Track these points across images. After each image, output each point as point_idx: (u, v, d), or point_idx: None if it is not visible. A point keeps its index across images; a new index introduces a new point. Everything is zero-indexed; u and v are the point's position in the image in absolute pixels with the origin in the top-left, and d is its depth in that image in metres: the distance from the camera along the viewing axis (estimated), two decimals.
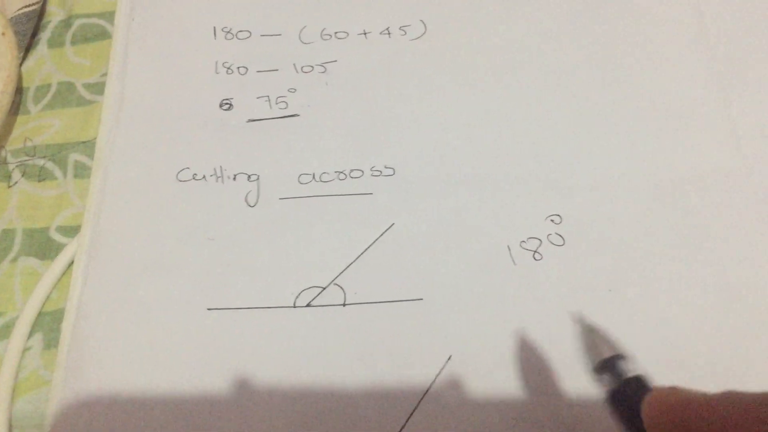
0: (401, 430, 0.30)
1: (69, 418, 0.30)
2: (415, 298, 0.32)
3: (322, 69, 0.38)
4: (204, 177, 0.36)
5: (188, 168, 0.36)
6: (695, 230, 0.34)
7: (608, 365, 0.27)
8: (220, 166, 0.36)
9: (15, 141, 0.38)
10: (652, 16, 0.39)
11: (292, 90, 0.38)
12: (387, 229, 0.34)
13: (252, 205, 0.35)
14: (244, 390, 0.31)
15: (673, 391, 0.22)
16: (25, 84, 0.39)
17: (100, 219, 0.34)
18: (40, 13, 0.40)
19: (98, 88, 0.39)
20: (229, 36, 0.39)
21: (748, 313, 0.32)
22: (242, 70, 0.38)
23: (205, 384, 0.31)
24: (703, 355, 0.31)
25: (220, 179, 0.36)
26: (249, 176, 0.36)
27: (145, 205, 0.35)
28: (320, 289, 0.33)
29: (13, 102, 0.38)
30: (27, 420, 0.31)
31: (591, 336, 0.29)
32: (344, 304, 0.32)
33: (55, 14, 0.41)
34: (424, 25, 0.39)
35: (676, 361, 0.31)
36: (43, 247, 0.35)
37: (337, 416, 0.30)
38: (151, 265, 0.33)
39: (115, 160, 0.36)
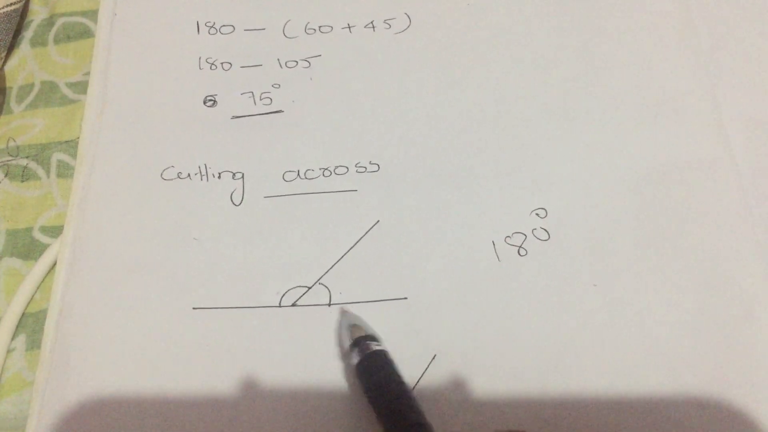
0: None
1: (51, 420, 0.30)
2: (399, 297, 0.32)
3: (307, 64, 0.38)
4: (189, 175, 0.35)
5: (173, 166, 0.35)
6: (681, 222, 0.33)
7: (358, 343, 0.29)
8: (205, 164, 0.35)
9: None
10: (637, 6, 0.38)
11: (277, 85, 0.37)
12: (372, 227, 0.34)
13: (237, 204, 0.35)
14: (229, 390, 0.30)
15: None
16: (8, 84, 0.39)
17: (83, 219, 0.34)
18: (23, 12, 0.40)
19: (81, 87, 0.38)
20: (213, 31, 0.39)
21: (733, 305, 0.32)
22: (226, 66, 0.38)
23: (190, 384, 0.31)
24: (687, 348, 0.31)
25: (204, 177, 0.35)
26: (234, 174, 0.35)
27: (129, 204, 0.35)
28: (305, 289, 0.33)
29: None
30: (10, 422, 0.31)
31: (351, 324, 0.31)
32: (329, 304, 0.32)
33: (37, 13, 0.40)
34: (409, 18, 0.39)
35: (660, 355, 0.31)
36: (26, 247, 0.35)
37: (321, 416, 0.30)
38: (135, 265, 0.33)
39: (98, 159, 0.35)
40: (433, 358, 0.31)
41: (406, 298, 0.32)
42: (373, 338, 0.30)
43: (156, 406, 0.30)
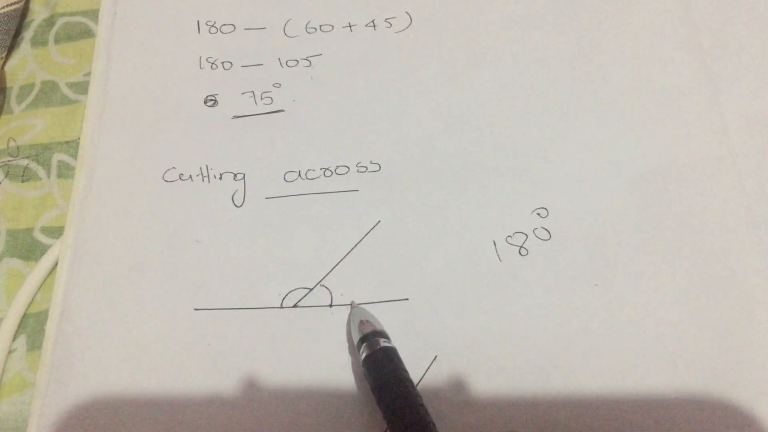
0: (387, 430, 0.29)
1: (52, 420, 0.30)
2: (400, 298, 0.32)
3: (307, 63, 0.38)
4: (190, 177, 0.35)
5: (174, 168, 0.35)
6: (683, 221, 0.33)
7: (367, 338, 0.29)
8: (206, 165, 0.35)
9: None
10: (638, 4, 0.38)
11: (277, 85, 0.37)
12: (373, 227, 0.34)
13: (238, 205, 0.34)
14: (231, 391, 0.30)
15: None
16: (8, 84, 0.39)
17: (84, 220, 0.34)
18: (23, 12, 0.40)
19: (82, 87, 0.38)
20: (213, 30, 0.39)
21: (734, 304, 0.31)
22: (227, 65, 0.38)
23: (191, 385, 0.31)
24: (688, 347, 0.31)
25: (206, 179, 0.35)
26: (235, 175, 0.35)
27: (131, 205, 0.34)
28: (307, 290, 0.32)
29: None
30: (10, 422, 0.31)
31: (359, 317, 0.31)
32: (331, 305, 0.32)
33: (38, 13, 0.40)
34: (410, 16, 0.39)
35: (661, 355, 0.31)
36: (27, 248, 0.35)
37: (322, 417, 0.30)
38: (136, 267, 0.33)
39: (99, 160, 0.35)
40: (435, 358, 0.31)
41: (407, 299, 0.32)
42: (382, 334, 0.30)
43: (157, 407, 0.30)
